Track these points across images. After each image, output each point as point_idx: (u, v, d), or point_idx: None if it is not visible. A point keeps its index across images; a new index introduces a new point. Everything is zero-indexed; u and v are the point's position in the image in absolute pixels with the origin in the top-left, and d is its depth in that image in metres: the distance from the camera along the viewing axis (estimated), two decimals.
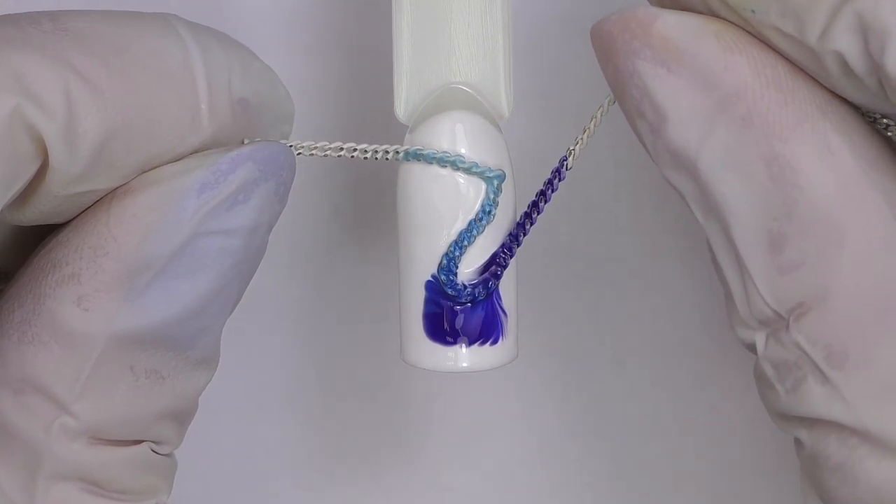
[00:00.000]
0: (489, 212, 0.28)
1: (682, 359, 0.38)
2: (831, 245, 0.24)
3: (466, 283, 0.28)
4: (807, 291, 0.24)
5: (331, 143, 0.28)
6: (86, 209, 0.26)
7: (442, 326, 0.29)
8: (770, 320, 0.25)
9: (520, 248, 0.29)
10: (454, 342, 0.29)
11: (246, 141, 0.27)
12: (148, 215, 0.25)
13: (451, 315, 0.29)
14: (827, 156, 0.24)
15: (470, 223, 0.28)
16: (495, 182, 0.28)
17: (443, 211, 0.28)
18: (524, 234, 0.29)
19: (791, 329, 0.24)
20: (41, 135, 0.24)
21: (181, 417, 0.27)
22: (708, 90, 0.24)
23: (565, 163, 0.28)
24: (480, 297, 0.28)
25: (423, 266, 0.29)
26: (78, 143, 0.24)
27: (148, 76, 0.25)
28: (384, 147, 0.28)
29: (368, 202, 0.38)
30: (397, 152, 0.28)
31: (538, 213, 0.29)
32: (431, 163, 0.28)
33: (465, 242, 0.28)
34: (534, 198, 0.29)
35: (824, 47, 0.23)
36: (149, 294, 0.25)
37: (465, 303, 0.28)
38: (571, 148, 0.28)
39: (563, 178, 0.28)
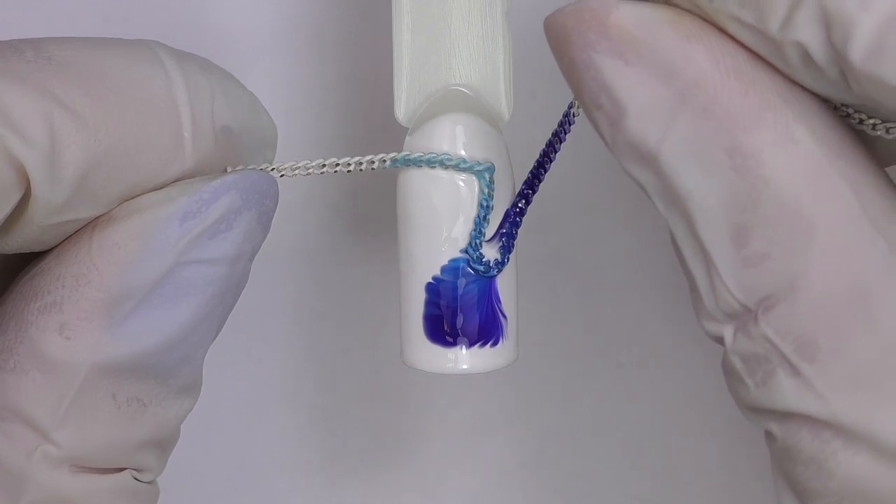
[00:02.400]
0: (487, 206, 0.28)
1: (681, 360, 0.38)
2: (798, 236, 0.23)
3: (491, 260, 0.28)
4: (774, 283, 0.23)
5: (312, 160, 0.28)
6: (68, 237, 0.26)
7: (442, 328, 0.29)
8: (737, 313, 0.24)
9: (529, 206, 0.29)
10: (454, 343, 0.29)
11: (229, 169, 0.27)
12: (130, 244, 0.25)
13: (451, 316, 0.29)
14: (790, 145, 0.23)
15: (475, 221, 0.28)
16: (486, 175, 0.28)
17: (442, 212, 0.28)
18: (534, 191, 0.29)
19: (759, 322, 0.24)
20: (23, 165, 0.24)
21: (163, 445, 0.27)
22: (667, 81, 0.23)
23: (572, 110, 0.28)
24: (506, 263, 0.28)
25: (424, 268, 0.29)
26: (61, 173, 0.24)
27: (131, 105, 0.25)
28: (368, 157, 0.28)
29: (368, 203, 0.38)
30: (383, 161, 0.28)
31: (548, 166, 0.28)
32: (420, 166, 0.28)
33: (482, 228, 0.28)
34: (544, 147, 0.29)
35: (785, 37, 0.23)
36: (131, 323, 0.25)
37: (494, 275, 0.28)
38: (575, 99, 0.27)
39: (573, 122, 0.28)
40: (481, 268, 0.28)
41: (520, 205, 0.29)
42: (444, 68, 0.29)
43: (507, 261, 0.29)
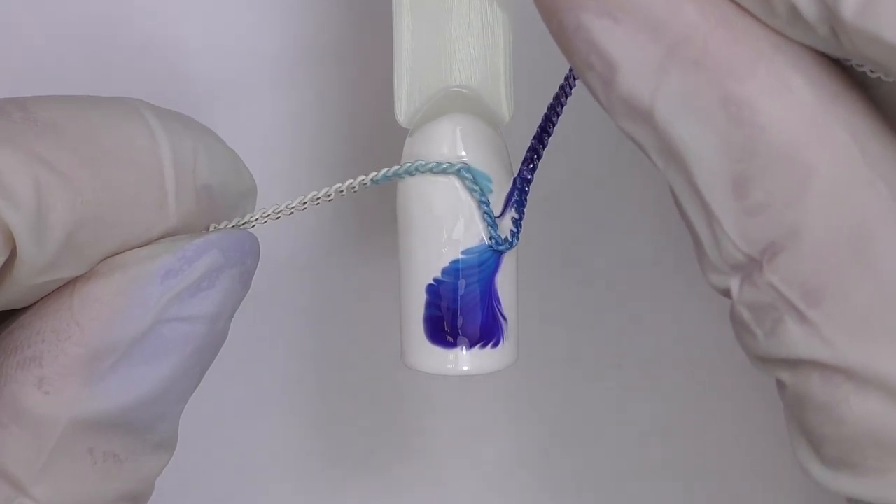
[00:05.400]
0: (485, 201, 0.28)
1: (682, 362, 0.39)
2: (798, 183, 0.23)
3: (503, 235, 0.29)
4: (777, 231, 0.23)
5: (293, 199, 0.28)
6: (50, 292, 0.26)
7: (442, 329, 0.29)
8: (742, 264, 0.24)
9: (536, 171, 0.29)
10: (454, 345, 0.29)
11: (211, 227, 0.27)
12: (112, 301, 0.25)
13: (451, 318, 0.29)
14: (785, 93, 0.23)
15: (481, 215, 0.28)
16: (462, 172, 0.28)
17: (442, 215, 0.28)
18: (539, 157, 0.29)
19: (765, 270, 0.24)
20: (9, 227, 0.24)
21: (138, 499, 0.27)
22: (656, 36, 0.23)
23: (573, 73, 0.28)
24: (519, 230, 0.29)
25: (424, 269, 0.29)
26: (46, 235, 0.24)
27: (116, 165, 0.25)
28: (348, 182, 0.28)
29: (369, 204, 0.38)
30: (363, 183, 0.28)
31: (551, 129, 0.29)
32: (402, 177, 0.28)
33: (490, 219, 0.28)
34: (545, 111, 0.29)
35: None
36: (110, 379, 0.25)
37: (511, 247, 0.29)
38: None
39: (574, 85, 0.28)
40: (503, 247, 0.29)
41: (525, 174, 0.29)
42: (444, 69, 0.29)
43: (521, 228, 0.29)
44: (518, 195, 0.29)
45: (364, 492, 0.39)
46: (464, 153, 0.28)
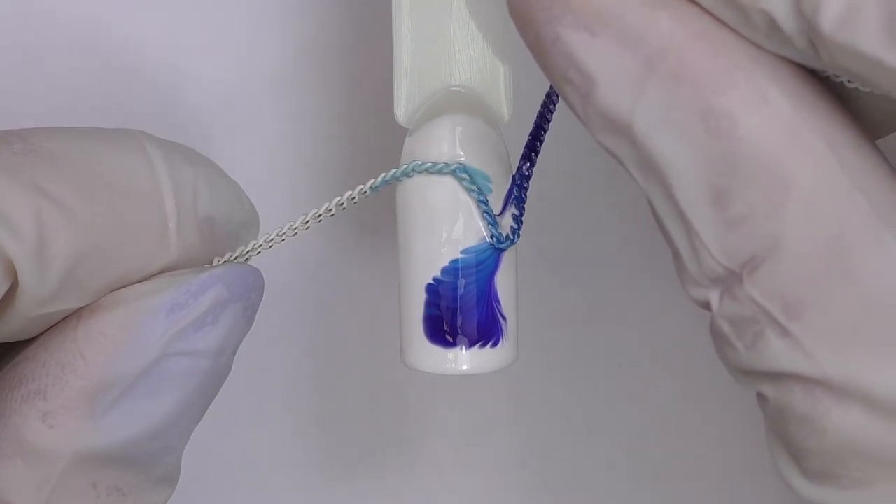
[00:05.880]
0: (483, 200, 0.28)
1: (682, 361, 0.39)
2: (777, 195, 0.23)
3: (504, 233, 0.29)
4: (757, 244, 0.23)
5: (294, 220, 0.28)
6: (53, 325, 0.26)
7: (442, 328, 0.29)
8: (722, 277, 0.24)
9: (534, 167, 0.29)
10: (454, 344, 0.29)
11: (216, 261, 0.27)
12: (117, 334, 0.25)
13: (451, 317, 0.29)
14: (763, 105, 0.23)
15: (480, 214, 0.28)
16: (458, 172, 0.28)
17: (442, 214, 0.28)
18: (536, 153, 0.29)
19: (745, 284, 0.24)
20: (11, 258, 0.24)
21: None
22: (634, 49, 0.23)
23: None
24: (520, 227, 0.29)
25: (424, 268, 0.29)
26: (48, 266, 0.25)
27: (118, 197, 0.25)
28: (347, 195, 0.28)
29: (368, 203, 0.37)
30: (363, 192, 0.28)
31: (546, 126, 0.29)
32: (400, 179, 0.28)
33: (490, 217, 0.28)
34: (539, 109, 0.29)
35: (752, 4, 0.22)
36: (114, 413, 0.25)
37: (512, 244, 0.29)
38: None
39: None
40: (504, 244, 0.29)
41: (524, 170, 0.29)
42: (443, 69, 0.29)
43: (521, 225, 0.29)
44: (518, 192, 0.29)
45: (364, 491, 0.39)
46: (463, 153, 0.28)
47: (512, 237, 0.29)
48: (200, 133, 0.36)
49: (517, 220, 0.29)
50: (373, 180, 0.28)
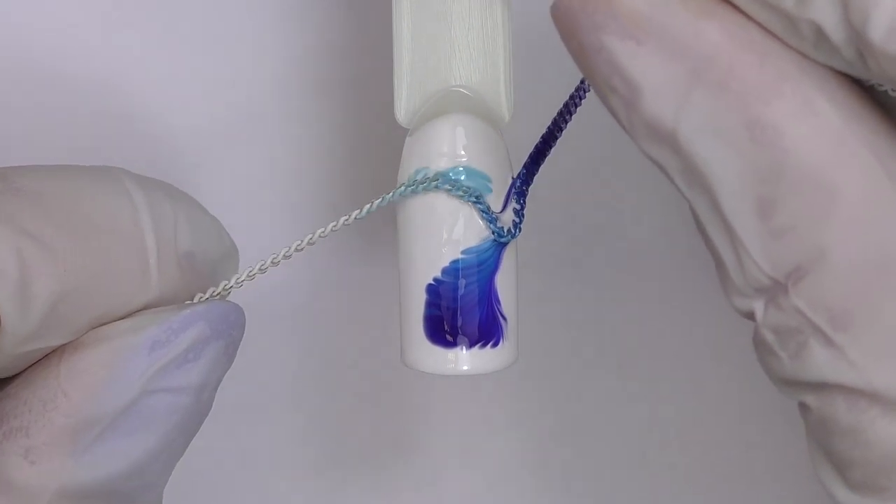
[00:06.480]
0: (475, 201, 0.28)
1: (682, 362, 0.39)
2: (823, 205, 0.23)
3: (505, 227, 0.29)
4: (803, 254, 0.23)
5: (288, 247, 0.28)
6: (35, 362, 0.26)
7: (442, 328, 0.29)
8: (767, 287, 0.24)
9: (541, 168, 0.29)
10: (454, 344, 0.29)
11: (197, 297, 0.27)
12: (99, 371, 0.25)
13: (451, 317, 0.29)
14: (810, 115, 0.23)
15: (481, 216, 0.28)
16: (441, 185, 0.28)
17: (442, 214, 0.28)
18: (541, 163, 0.29)
19: (790, 294, 0.23)
20: None
21: None
22: (680, 58, 0.23)
23: (586, 81, 0.27)
24: (521, 220, 0.29)
25: (424, 268, 0.29)
26: (30, 305, 0.25)
27: (99, 235, 0.25)
28: (355, 212, 0.28)
29: (368, 203, 0.37)
30: (358, 217, 0.28)
31: (559, 134, 0.29)
32: (388, 203, 0.28)
33: (491, 218, 0.28)
34: (560, 109, 0.28)
35: (800, 14, 0.22)
36: (96, 449, 0.25)
37: (514, 237, 0.29)
38: None
39: (584, 97, 0.28)
40: (505, 238, 0.29)
41: (528, 167, 0.29)
42: (444, 69, 0.29)
43: (523, 218, 0.29)
44: (520, 184, 0.29)
45: (363, 491, 0.39)
46: (463, 153, 0.28)
47: (513, 230, 0.29)
48: (200, 136, 0.36)
49: (518, 213, 0.29)
50: (368, 205, 0.28)
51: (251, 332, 0.38)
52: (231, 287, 0.28)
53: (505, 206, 0.29)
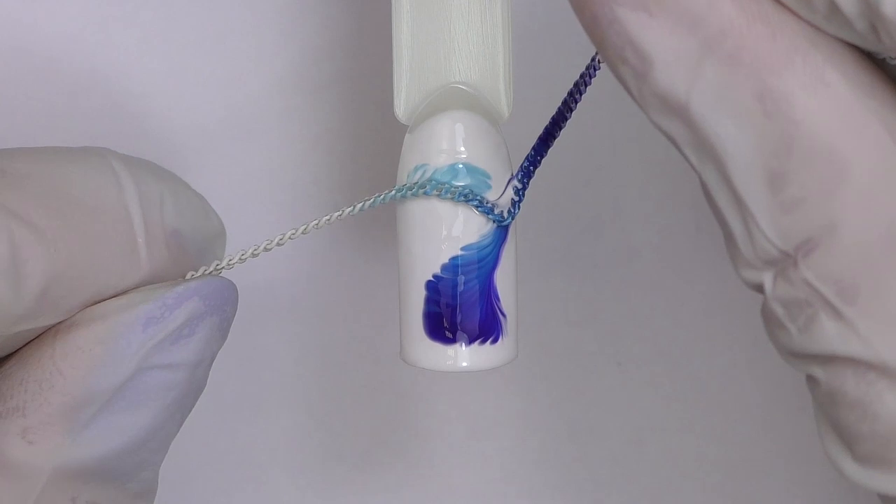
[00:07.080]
0: (489, 210, 0.28)
1: (682, 360, 0.39)
2: (834, 178, 0.23)
3: (504, 210, 0.29)
4: (812, 227, 0.23)
5: (284, 231, 0.28)
6: (30, 341, 0.26)
7: (442, 325, 0.29)
8: (776, 259, 0.24)
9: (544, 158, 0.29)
10: (454, 341, 0.29)
11: (190, 274, 0.27)
12: (94, 349, 0.25)
13: (450, 314, 0.29)
14: (821, 87, 0.23)
15: (478, 210, 0.28)
16: (428, 191, 0.28)
17: (441, 211, 0.28)
18: (545, 152, 0.29)
19: (799, 266, 0.24)
20: None
21: None
22: (692, 30, 0.23)
23: (594, 62, 0.27)
24: (521, 201, 0.29)
25: (424, 266, 0.29)
26: (22, 286, 0.25)
27: (87, 215, 0.26)
28: (349, 208, 0.28)
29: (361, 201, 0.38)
30: (364, 204, 0.28)
31: (568, 116, 0.28)
32: (376, 205, 0.28)
33: (489, 209, 0.28)
34: (565, 96, 0.28)
35: None
36: (92, 427, 0.25)
37: (511, 220, 0.29)
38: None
39: (594, 75, 0.28)
40: (506, 221, 0.29)
41: (534, 157, 0.29)
42: (443, 66, 0.29)
43: (523, 197, 0.29)
44: (527, 164, 0.29)
45: (364, 490, 0.39)
46: (463, 149, 0.28)
47: (513, 210, 0.29)
48: (200, 134, 0.36)
49: (519, 192, 0.29)
50: (368, 198, 0.28)
51: (251, 329, 0.38)
52: (223, 267, 0.28)
53: (503, 193, 0.29)
